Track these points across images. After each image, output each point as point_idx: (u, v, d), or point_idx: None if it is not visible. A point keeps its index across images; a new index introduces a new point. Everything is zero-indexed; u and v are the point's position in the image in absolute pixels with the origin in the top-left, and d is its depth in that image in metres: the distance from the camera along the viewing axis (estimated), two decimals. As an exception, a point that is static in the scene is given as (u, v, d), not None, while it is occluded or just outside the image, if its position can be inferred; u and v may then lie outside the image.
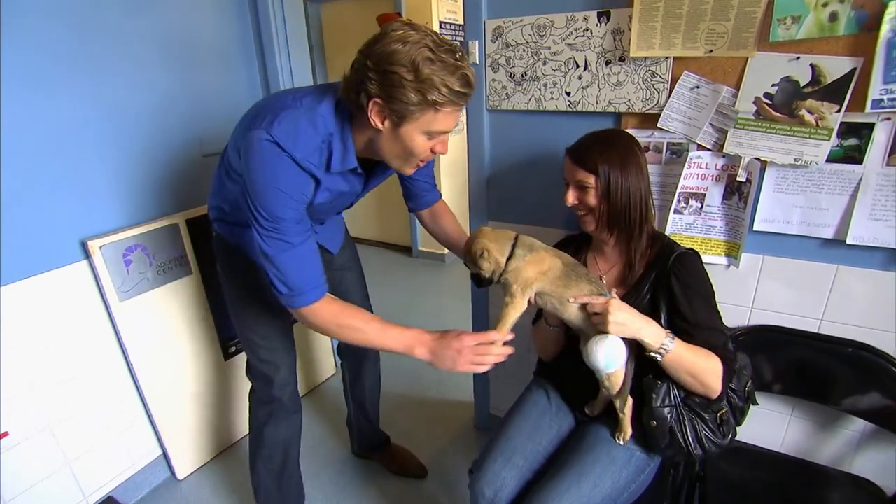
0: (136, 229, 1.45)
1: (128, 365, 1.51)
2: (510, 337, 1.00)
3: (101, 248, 1.35)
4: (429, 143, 0.90)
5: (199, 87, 1.63)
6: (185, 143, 1.60)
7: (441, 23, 3.05)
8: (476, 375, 1.81)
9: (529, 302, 1.01)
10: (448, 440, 1.86)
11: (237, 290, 1.23)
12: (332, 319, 0.99)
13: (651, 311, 0.98)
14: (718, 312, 1.00)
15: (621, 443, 1.04)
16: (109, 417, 1.52)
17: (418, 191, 1.26)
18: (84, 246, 1.36)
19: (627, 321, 0.92)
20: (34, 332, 1.31)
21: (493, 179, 1.49)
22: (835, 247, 1.09)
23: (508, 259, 1.00)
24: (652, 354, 0.93)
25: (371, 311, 1.51)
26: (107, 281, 1.38)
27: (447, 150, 0.95)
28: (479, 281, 1.05)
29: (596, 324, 0.94)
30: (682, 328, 0.97)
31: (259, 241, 0.92)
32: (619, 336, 0.93)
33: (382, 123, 0.87)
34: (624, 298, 1.04)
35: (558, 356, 1.19)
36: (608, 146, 1.00)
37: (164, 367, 1.59)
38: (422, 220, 1.33)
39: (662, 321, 0.98)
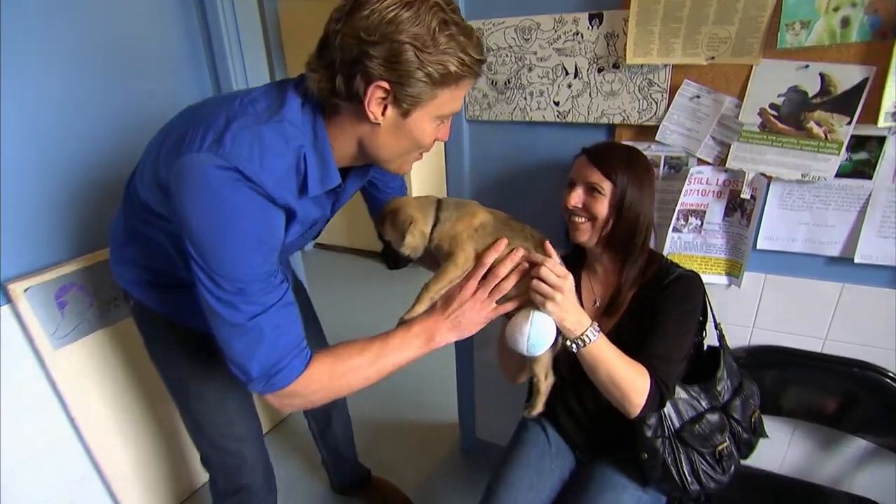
0: (70, 265, 1.25)
1: (70, 419, 1.32)
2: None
3: (25, 291, 1.16)
4: (435, 131, 0.74)
5: (139, 96, 1.43)
6: (124, 161, 1.39)
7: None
8: (461, 394, 1.70)
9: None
10: (433, 468, 1.75)
11: (185, 372, 0.98)
12: (328, 380, 0.76)
13: None
14: (685, 340, 0.93)
15: (524, 414, 0.98)
16: (53, 478, 1.33)
17: None
18: (4, 290, 1.16)
19: (565, 301, 0.82)
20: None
21: (475, 196, 1.37)
22: (840, 265, 1.04)
23: (434, 227, 0.86)
24: (569, 342, 0.85)
25: (326, 343, 1.32)
26: (36, 328, 1.19)
27: (448, 135, 0.79)
28: (394, 260, 0.92)
29: (536, 292, 0.82)
30: (635, 338, 0.91)
31: (217, 310, 0.68)
32: (548, 314, 0.83)
33: (383, 114, 0.68)
34: (617, 324, 0.98)
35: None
36: (630, 160, 0.93)
37: (111, 416, 1.40)
38: None
39: None
